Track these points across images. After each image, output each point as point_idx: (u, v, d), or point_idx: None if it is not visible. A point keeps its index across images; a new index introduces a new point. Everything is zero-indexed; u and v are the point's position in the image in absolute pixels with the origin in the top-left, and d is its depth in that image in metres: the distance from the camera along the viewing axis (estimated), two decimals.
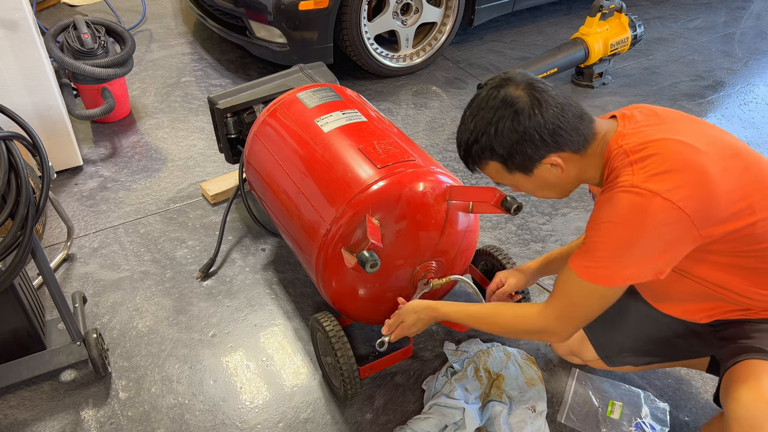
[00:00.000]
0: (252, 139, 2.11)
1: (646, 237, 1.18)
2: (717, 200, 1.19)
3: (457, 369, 1.85)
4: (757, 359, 1.26)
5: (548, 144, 1.26)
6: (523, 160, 1.29)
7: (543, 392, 1.78)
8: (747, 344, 1.31)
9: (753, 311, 1.36)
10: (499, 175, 1.36)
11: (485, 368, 1.81)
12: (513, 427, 1.69)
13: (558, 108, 1.26)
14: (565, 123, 1.26)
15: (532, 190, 1.39)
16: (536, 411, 1.73)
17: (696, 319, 1.46)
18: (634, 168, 1.21)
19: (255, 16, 3.20)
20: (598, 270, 1.24)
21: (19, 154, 1.47)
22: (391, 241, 1.65)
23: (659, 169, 1.19)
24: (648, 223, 1.17)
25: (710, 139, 1.25)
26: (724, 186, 1.20)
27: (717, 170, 1.20)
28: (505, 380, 1.79)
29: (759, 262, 1.28)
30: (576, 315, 1.33)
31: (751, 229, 1.22)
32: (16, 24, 2.32)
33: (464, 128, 1.34)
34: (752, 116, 3.26)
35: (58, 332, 1.87)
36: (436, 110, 3.27)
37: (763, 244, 1.25)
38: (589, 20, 3.33)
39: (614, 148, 1.27)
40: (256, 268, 2.29)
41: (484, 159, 1.33)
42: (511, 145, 1.27)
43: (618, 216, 1.20)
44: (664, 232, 1.18)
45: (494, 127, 1.27)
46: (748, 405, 1.19)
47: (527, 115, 1.25)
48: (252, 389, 1.86)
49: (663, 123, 1.28)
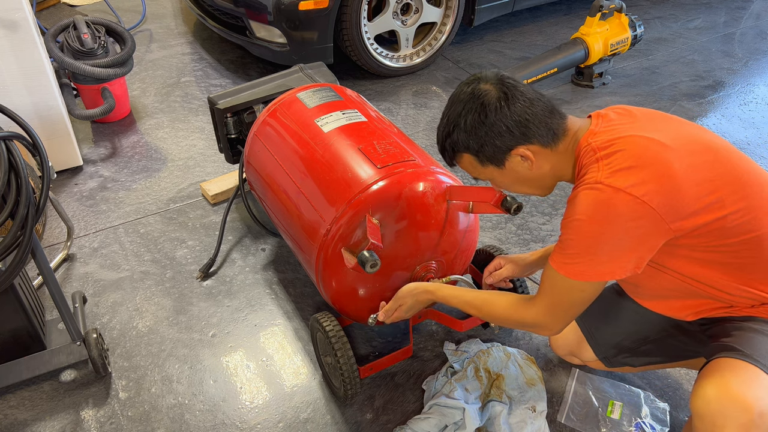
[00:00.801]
0: (252, 139, 2.11)
1: (614, 232, 1.20)
2: (683, 194, 1.20)
3: (457, 369, 1.85)
4: (727, 357, 1.25)
5: (515, 135, 1.31)
6: (493, 152, 1.34)
7: (543, 392, 1.78)
8: (724, 342, 1.31)
9: (737, 308, 1.36)
10: (474, 168, 1.41)
11: (485, 368, 1.82)
12: (513, 427, 1.69)
13: (526, 102, 1.31)
14: (533, 116, 1.30)
15: (509, 184, 1.43)
16: (536, 411, 1.73)
17: (682, 317, 1.46)
18: (600, 165, 1.24)
19: (255, 16, 3.20)
20: (574, 266, 1.27)
21: (19, 154, 1.47)
22: (391, 241, 1.65)
23: (623, 165, 1.21)
24: (613, 218, 1.19)
25: (680, 135, 1.28)
26: (691, 180, 1.21)
27: (683, 165, 1.22)
28: (505, 380, 1.79)
29: (733, 258, 1.28)
30: (561, 309, 1.35)
31: (722, 222, 1.23)
32: (16, 24, 2.32)
33: (440, 124, 1.42)
34: (752, 116, 3.26)
35: (58, 332, 1.87)
36: (436, 110, 3.27)
37: (734, 238, 1.25)
38: (589, 20, 3.33)
39: (583, 146, 1.31)
40: (256, 268, 2.29)
41: (458, 151, 1.39)
42: (480, 137, 1.33)
43: (584, 213, 1.22)
44: (631, 227, 1.20)
45: (464, 119, 1.34)
46: (711, 402, 1.17)
47: (494, 108, 1.30)
48: (252, 389, 1.86)
49: (635, 122, 1.31)
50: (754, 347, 1.25)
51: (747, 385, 1.17)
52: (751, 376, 1.19)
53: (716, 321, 1.41)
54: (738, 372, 1.20)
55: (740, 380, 1.18)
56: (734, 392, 1.16)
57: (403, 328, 2.05)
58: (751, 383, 1.17)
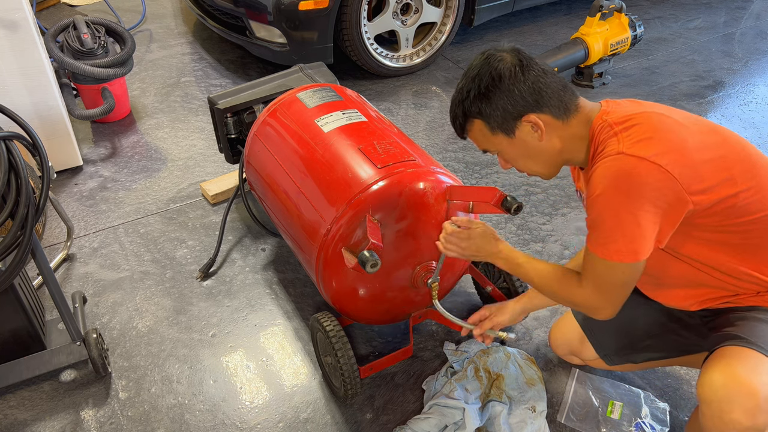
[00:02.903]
0: (252, 139, 2.11)
1: (641, 203, 1.20)
2: (698, 168, 1.22)
3: (457, 369, 1.85)
4: (732, 345, 1.27)
5: (528, 102, 1.31)
6: (504, 118, 1.33)
7: (543, 392, 1.78)
8: (728, 332, 1.32)
9: (741, 297, 1.37)
10: (484, 136, 1.40)
11: (485, 368, 1.81)
12: (513, 427, 1.69)
13: (540, 72, 1.33)
14: (546, 86, 1.32)
15: (516, 158, 1.41)
16: (536, 411, 1.73)
17: (686, 306, 1.47)
18: (620, 137, 1.25)
19: (255, 16, 3.20)
20: (608, 246, 1.25)
21: (19, 154, 1.47)
22: (392, 241, 1.65)
23: (644, 136, 1.23)
24: (639, 187, 1.20)
25: (687, 116, 1.32)
26: (704, 156, 1.24)
27: (695, 141, 1.25)
28: (505, 380, 1.79)
29: (743, 238, 1.29)
30: (608, 290, 1.32)
31: (734, 200, 1.25)
32: (16, 24, 2.32)
33: (454, 92, 1.42)
34: (752, 116, 3.26)
35: (58, 332, 1.87)
36: (436, 110, 3.27)
37: (745, 217, 1.27)
38: (589, 20, 3.33)
39: (598, 124, 1.32)
40: (256, 268, 2.29)
41: (469, 116, 1.38)
42: (493, 101, 1.32)
43: (610, 185, 1.22)
44: (657, 197, 1.20)
45: (478, 83, 1.33)
46: (718, 388, 1.20)
47: (509, 73, 1.31)
48: (252, 389, 1.86)
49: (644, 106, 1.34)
50: (758, 335, 1.27)
51: (753, 372, 1.19)
52: (757, 363, 1.21)
53: (719, 313, 1.42)
54: (744, 359, 1.22)
55: (747, 367, 1.20)
56: (741, 378, 1.18)
57: (403, 328, 2.05)
58: (757, 369, 1.20)
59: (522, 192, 2.68)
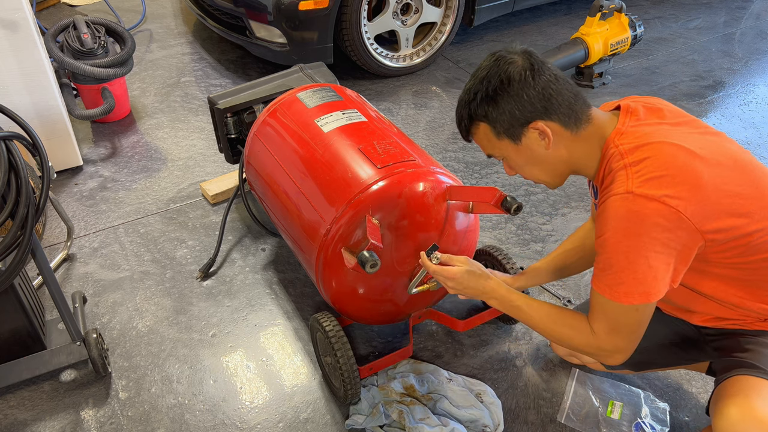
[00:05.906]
0: (252, 139, 2.11)
1: (652, 244, 1.16)
2: (713, 206, 1.17)
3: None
4: (748, 375, 1.26)
5: (536, 108, 1.26)
6: (511, 123, 1.28)
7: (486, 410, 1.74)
8: (741, 358, 1.32)
9: (748, 321, 1.37)
10: (489, 141, 1.35)
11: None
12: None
13: (552, 77, 1.27)
14: (557, 92, 1.26)
15: (521, 165, 1.37)
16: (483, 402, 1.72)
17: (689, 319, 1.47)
18: (629, 172, 1.19)
19: (255, 16, 3.20)
20: (618, 287, 1.21)
21: (19, 154, 1.47)
22: (391, 241, 1.65)
23: (654, 174, 1.17)
24: (649, 229, 1.15)
25: (707, 144, 1.24)
26: (721, 191, 1.18)
27: (712, 176, 1.18)
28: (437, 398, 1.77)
29: (754, 275, 1.28)
30: (621, 332, 1.27)
31: (749, 239, 1.22)
32: (16, 24, 2.32)
33: (462, 92, 1.37)
34: (752, 116, 3.26)
35: (58, 332, 1.87)
36: (436, 110, 3.27)
37: (757, 255, 1.24)
38: (589, 20, 3.33)
39: (611, 148, 1.26)
40: (256, 268, 2.29)
41: (475, 119, 1.33)
42: (500, 105, 1.27)
43: (619, 227, 1.18)
44: (669, 238, 1.16)
45: (486, 85, 1.28)
46: (735, 423, 1.19)
47: (519, 77, 1.26)
48: (252, 389, 1.86)
49: (663, 123, 1.27)
50: None
51: None
52: None
53: (726, 334, 1.41)
54: (761, 392, 1.22)
55: (764, 401, 1.20)
56: (758, 414, 1.18)
57: (403, 328, 2.05)
58: None
59: (522, 192, 2.68)
